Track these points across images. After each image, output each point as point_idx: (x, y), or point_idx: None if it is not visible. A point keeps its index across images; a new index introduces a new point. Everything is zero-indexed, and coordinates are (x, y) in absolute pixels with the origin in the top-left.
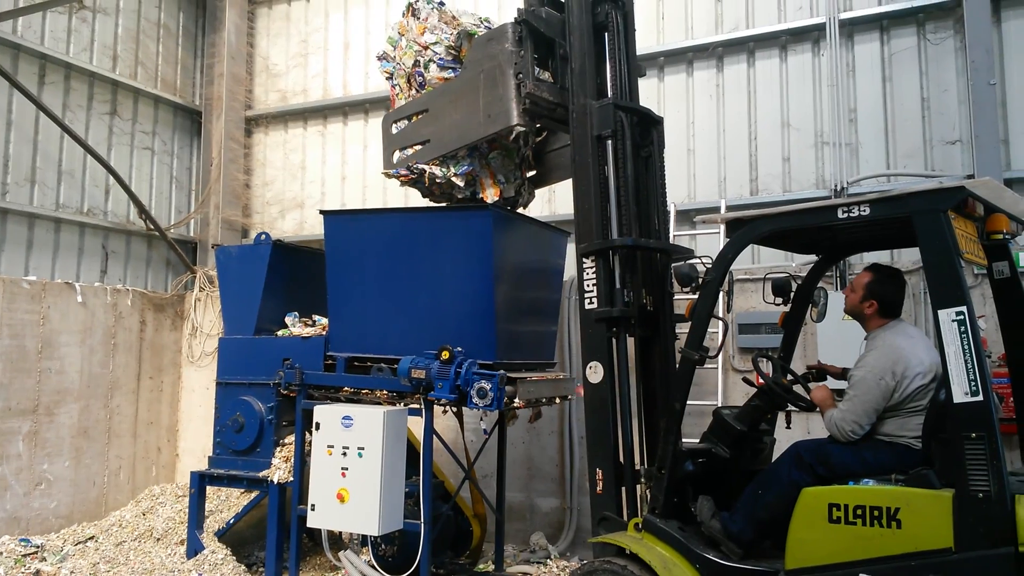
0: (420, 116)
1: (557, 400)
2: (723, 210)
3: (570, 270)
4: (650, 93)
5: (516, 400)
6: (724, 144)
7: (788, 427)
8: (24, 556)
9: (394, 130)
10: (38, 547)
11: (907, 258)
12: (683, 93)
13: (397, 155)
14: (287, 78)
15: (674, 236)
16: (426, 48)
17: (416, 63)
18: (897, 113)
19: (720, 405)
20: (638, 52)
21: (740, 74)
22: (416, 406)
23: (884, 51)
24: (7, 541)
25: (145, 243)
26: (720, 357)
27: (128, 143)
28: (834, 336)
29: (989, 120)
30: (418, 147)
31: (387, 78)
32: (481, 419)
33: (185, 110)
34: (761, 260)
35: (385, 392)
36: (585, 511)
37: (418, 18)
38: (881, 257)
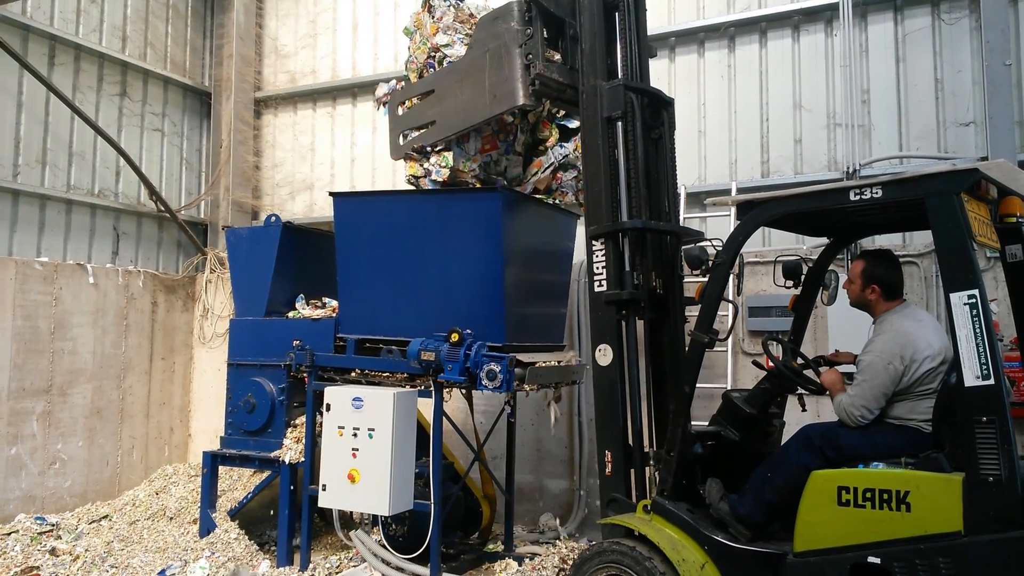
0: (426, 97)
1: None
2: (734, 192)
3: (580, 252)
4: (661, 74)
5: (525, 384)
6: (735, 126)
7: (804, 410)
8: (40, 534)
9: (400, 111)
10: (53, 525)
11: (919, 241)
12: (694, 74)
13: (409, 133)
14: (296, 59)
15: (684, 219)
16: (437, 50)
17: (430, 56)
18: (910, 94)
19: (729, 388)
20: (649, 32)
21: (752, 54)
22: (427, 388)
23: (898, 31)
24: (23, 519)
25: (156, 225)
26: (730, 340)
27: (138, 124)
28: (844, 319)
29: (1004, 101)
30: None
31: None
32: (508, 403)
33: (195, 91)
34: (772, 243)
35: (396, 374)
36: (594, 493)
37: (433, 16)
38: (893, 240)
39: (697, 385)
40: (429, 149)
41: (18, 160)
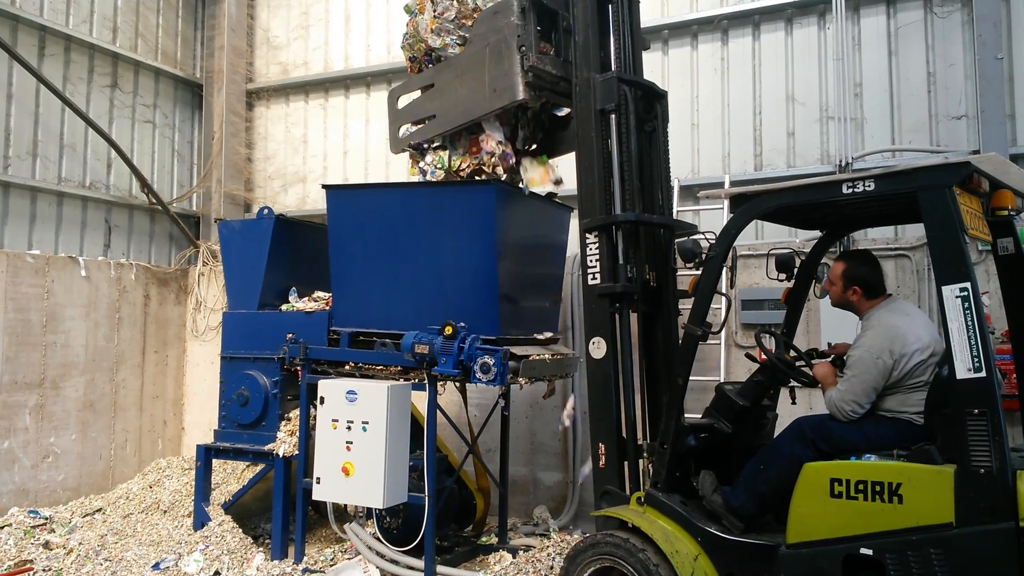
0: (426, 91)
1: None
2: (727, 185)
3: (573, 246)
4: (654, 67)
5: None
6: (728, 119)
7: (794, 403)
8: (33, 527)
9: (400, 105)
10: (47, 519)
11: (911, 234)
12: (687, 67)
13: (403, 130)
14: (288, 50)
15: (677, 211)
16: (432, 51)
17: (426, 55)
18: (903, 88)
19: (722, 381)
20: (642, 25)
21: (745, 48)
22: (420, 381)
23: (890, 24)
24: (16, 513)
25: (148, 217)
26: (723, 333)
27: (129, 116)
28: (836, 312)
29: (995, 95)
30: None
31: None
32: (501, 395)
33: (186, 83)
34: (765, 236)
35: (390, 367)
36: (587, 485)
37: (435, 6)
38: (885, 233)
39: (690, 378)
40: (426, 146)
41: (8, 152)
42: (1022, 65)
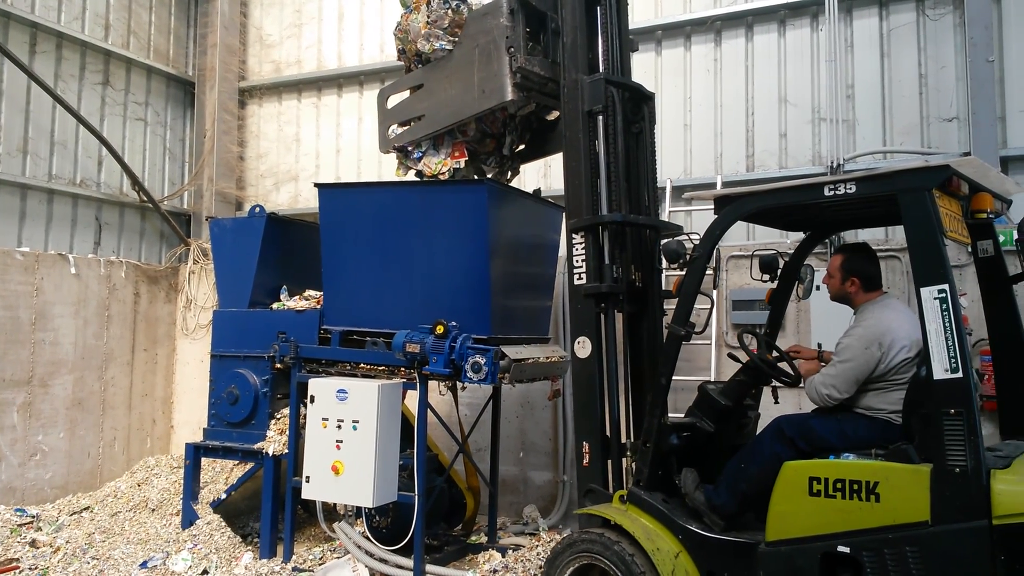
0: (415, 91)
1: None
2: (719, 186)
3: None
4: (647, 67)
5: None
6: (721, 119)
7: (776, 402)
8: (20, 526)
9: (390, 104)
10: (34, 517)
11: (901, 236)
12: (681, 68)
13: (393, 130)
14: (281, 49)
15: (670, 212)
16: (421, 54)
17: (416, 55)
18: (894, 90)
19: (707, 380)
20: (635, 25)
21: (738, 49)
22: (411, 380)
23: (883, 27)
24: (3, 511)
25: (139, 215)
26: (713, 333)
27: (121, 114)
28: (827, 312)
29: (986, 97)
30: (414, 123)
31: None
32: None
33: (178, 81)
34: (756, 237)
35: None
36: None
37: (430, 8)
38: (875, 234)
39: (679, 378)
40: (410, 149)
41: None
42: (1013, 68)
